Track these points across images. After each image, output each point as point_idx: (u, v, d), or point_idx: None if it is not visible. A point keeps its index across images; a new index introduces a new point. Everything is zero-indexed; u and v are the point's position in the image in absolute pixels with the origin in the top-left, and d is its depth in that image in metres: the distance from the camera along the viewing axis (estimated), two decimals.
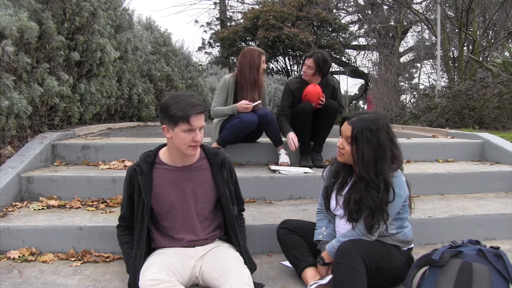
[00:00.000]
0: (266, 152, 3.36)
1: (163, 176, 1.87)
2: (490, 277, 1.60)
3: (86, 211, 2.51)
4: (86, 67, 4.21)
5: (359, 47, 20.75)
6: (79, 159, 3.22)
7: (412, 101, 14.36)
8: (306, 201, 2.84)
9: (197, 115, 1.73)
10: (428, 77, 18.90)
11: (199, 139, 1.77)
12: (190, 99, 1.75)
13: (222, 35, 18.57)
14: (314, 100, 3.15)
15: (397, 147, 1.86)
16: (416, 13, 14.90)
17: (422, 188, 2.97)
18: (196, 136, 1.75)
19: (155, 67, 6.80)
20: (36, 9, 3.40)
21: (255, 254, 2.23)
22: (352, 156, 1.82)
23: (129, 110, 6.05)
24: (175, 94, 1.80)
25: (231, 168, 1.99)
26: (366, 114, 1.83)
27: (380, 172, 1.77)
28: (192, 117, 1.71)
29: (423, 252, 1.86)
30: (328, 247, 1.88)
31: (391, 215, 1.80)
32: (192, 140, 1.75)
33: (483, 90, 6.16)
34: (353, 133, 1.79)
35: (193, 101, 1.75)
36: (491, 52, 11.68)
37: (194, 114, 1.72)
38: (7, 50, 2.91)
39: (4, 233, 2.21)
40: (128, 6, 6.39)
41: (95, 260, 2.16)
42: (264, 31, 16.72)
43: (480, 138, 3.83)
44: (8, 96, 2.88)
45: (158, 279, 1.61)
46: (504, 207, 2.69)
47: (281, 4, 17.78)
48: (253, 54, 3.20)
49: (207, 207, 1.91)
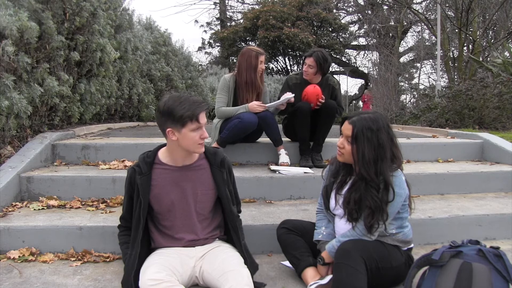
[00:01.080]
0: (266, 152, 3.36)
1: (162, 176, 1.87)
2: (490, 277, 1.60)
3: (86, 211, 2.51)
4: (86, 67, 4.21)
5: (359, 47, 20.77)
6: (79, 159, 3.22)
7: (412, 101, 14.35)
8: (306, 201, 2.84)
9: (203, 112, 1.77)
10: (428, 77, 18.92)
11: (207, 135, 1.81)
12: (191, 98, 1.77)
13: (222, 35, 18.58)
14: (312, 100, 3.15)
15: (397, 147, 1.86)
16: (416, 13, 14.90)
17: (422, 188, 2.97)
18: (204, 133, 1.79)
19: (155, 67, 6.80)
20: (36, 9, 3.40)
21: (255, 254, 2.22)
22: (352, 155, 1.82)
23: (129, 110, 6.05)
24: (174, 96, 1.78)
25: (230, 168, 2.00)
26: (367, 114, 1.83)
27: (380, 172, 1.77)
28: (200, 115, 1.75)
29: (423, 252, 1.87)
30: (328, 247, 1.88)
31: (390, 215, 1.81)
32: (200, 138, 1.78)
33: (483, 90, 6.16)
34: (353, 132, 1.79)
35: (196, 100, 1.77)
36: (491, 52, 11.68)
37: (201, 112, 1.76)
38: (7, 50, 2.91)
39: (4, 233, 2.21)
40: (128, 6, 6.40)
41: (95, 260, 2.16)
42: (264, 31, 16.74)
43: (480, 138, 3.83)
44: (8, 96, 2.88)
45: (158, 279, 1.61)
46: (504, 207, 2.69)
47: (281, 4, 17.80)
48: (250, 54, 3.17)
49: (206, 206, 1.91)
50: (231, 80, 3.23)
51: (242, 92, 3.21)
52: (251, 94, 3.20)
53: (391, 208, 1.79)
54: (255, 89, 3.22)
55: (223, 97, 3.22)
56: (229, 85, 3.22)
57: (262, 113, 3.07)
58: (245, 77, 3.17)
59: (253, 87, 3.20)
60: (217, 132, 3.17)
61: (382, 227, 1.80)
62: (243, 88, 3.20)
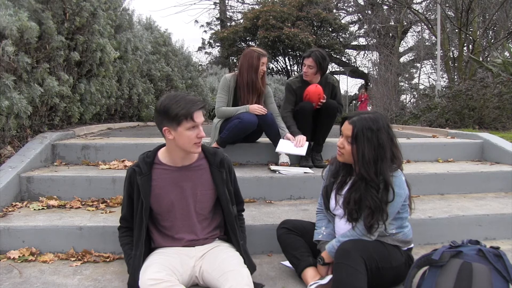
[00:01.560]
0: (266, 152, 3.35)
1: (162, 176, 1.87)
2: (490, 277, 1.60)
3: (86, 211, 2.51)
4: (86, 67, 4.21)
5: (359, 47, 20.77)
6: (79, 159, 3.22)
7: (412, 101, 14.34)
8: (306, 201, 2.84)
9: (198, 110, 1.76)
10: (428, 77, 18.92)
11: (203, 134, 1.80)
12: (187, 97, 1.77)
13: (222, 35, 18.58)
14: (314, 100, 3.16)
15: (397, 147, 1.86)
16: (416, 13, 14.90)
17: (422, 188, 2.97)
18: (200, 132, 1.78)
19: (155, 67, 6.81)
20: (36, 9, 3.40)
21: (255, 254, 2.23)
22: (353, 155, 1.82)
23: (129, 110, 6.05)
24: (171, 95, 1.79)
25: (230, 167, 2.00)
26: (367, 114, 1.83)
27: (380, 172, 1.77)
28: (195, 113, 1.74)
29: (423, 252, 1.87)
30: (328, 247, 1.88)
31: (390, 215, 1.80)
32: (196, 137, 1.77)
33: (483, 90, 6.16)
34: (353, 132, 1.79)
35: (192, 98, 1.77)
36: (491, 52, 11.68)
37: (196, 110, 1.74)
38: (7, 50, 2.91)
39: (4, 233, 2.21)
40: (128, 6, 6.41)
41: (95, 260, 2.16)
42: (264, 31, 16.73)
43: (480, 138, 3.83)
44: (8, 96, 2.88)
45: (158, 279, 1.61)
46: (504, 207, 2.69)
47: (281, 4, 17.80)
48: (252, 55, 3.16)
49: (206, 206, 1.91)
50: (231, 80, 3.22)
51: (242, 93, 3.20)
52: (251, 96, 3.19)
53: (391, 208, 1.79)
54: (256, 90, 3.20)
55: (223, 96, 3.21)
56: (229, 84, 3.21)
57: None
58: (246, 78, 3.16)
59: (253, 88, 3.18)
60: (217, 132, 3.17)
61: (382, 227, 1.80)
62: (244, 89, 3.19)
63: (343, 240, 1.83)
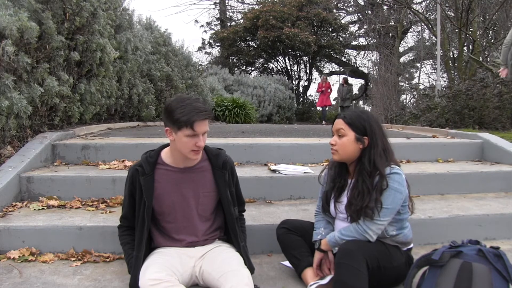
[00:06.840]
0: (266, 152, 3.35)
1: (165, 177, 1.86)
2: (490, 277, 1.60)
3: (86, 211, 2.51)
4: (86, 67, 4.20)
5: (359, 47, 20.76)
6: (79, 159, 3.22)
7: (412, 101, 14.35)
8: (306, 201, 2.83)
9: (201, 121, 1.71)
10: (428, 77, 18.92)
11: (202, 144, 1.76)
12: (195, 103, 1.72)
13: (222, 35, 18.59)
14: None
15: (387, 140, 1.90)
16: (416, 13, 14.90)
17: (422, 188, 2.96)
18: (199, 141, 1.74)
19: (155, 67, 6.80)
20: (36, 9, 3.40)
21: (255, 254, 2.23)
22: (345, 146, 1.85)
23: (129, 110, 6.05)
24: (181, 98, 1.76)
25: (233, 169, 1.99)
26: (356, 110, 1.93)
27: (372, 159, 1.81)
28: (196, 123, 1.69)
29: (423, 252, 1.87)
30: (329, 237, 1.89)
31: (388, 211, 1.78)
32: (194, 145, 1.74)
33: (483, 90, 6.16)
34: (345, 122, 1.86)
35: (198, 106, 1.71)
36: (491, 52, 11.69)
37: (198, 120, 1.70)
38: (7, 50, 2.91)
39: (4, 233, 2.21)
40: (128, 6, 6.40)
41: (95, 260, 2.16)
42: (264, 31, 16.74)
43: (480, 138, 3.83)
44: (8, 96, 2.88)
45: (158, 279, 1.61)
46: (504, 207, 2.69)
47: (281, 4, 17.80)
48: None
49: (208, 208, 1.91)
50: None
51: None
52: None
53: (386, 199, 1.78)
54: None
55: None
56: None
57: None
58: None
59: None
60: None
61: (380, 222, 1.78)
62: None
63: (345, 234, 1.83)
